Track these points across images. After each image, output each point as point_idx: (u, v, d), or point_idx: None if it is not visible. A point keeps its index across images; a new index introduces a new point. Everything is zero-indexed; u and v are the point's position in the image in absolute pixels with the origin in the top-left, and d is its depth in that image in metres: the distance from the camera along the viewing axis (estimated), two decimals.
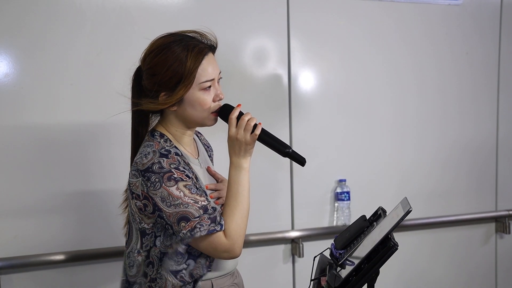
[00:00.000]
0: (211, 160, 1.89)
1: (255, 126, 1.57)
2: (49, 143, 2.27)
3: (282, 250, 2.71)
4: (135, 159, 1.58)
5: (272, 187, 2.65)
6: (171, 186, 1.49)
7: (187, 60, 1.54)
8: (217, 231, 1.50)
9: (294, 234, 2.68)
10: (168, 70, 1.54)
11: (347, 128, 2.80)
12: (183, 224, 1.48)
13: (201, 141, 1.87)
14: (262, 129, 1.57)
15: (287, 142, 2.61)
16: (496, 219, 3.16)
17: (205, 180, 1.69)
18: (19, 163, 2.24)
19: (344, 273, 1.34)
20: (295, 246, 2.68)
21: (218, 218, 1.51)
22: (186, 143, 1.68)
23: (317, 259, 1.57)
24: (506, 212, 3.13)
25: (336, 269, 1.41)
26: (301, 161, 1.63)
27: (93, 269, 2.35)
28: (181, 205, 1.49)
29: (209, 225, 1.49)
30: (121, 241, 1.88)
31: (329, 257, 1.50)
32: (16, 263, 2.23)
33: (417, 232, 2.98)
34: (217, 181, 1.75)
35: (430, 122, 2.97)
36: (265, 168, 2.57)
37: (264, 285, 2.67)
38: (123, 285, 1.70)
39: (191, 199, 1.49)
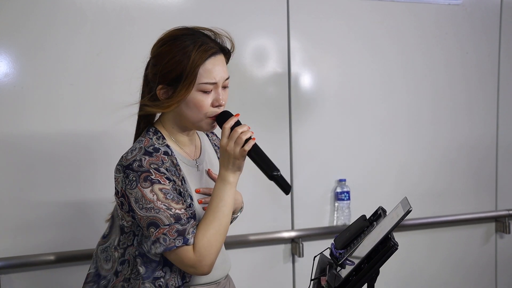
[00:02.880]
0: None
1: (249, 140, 1.46)
2: (49, 143, 2.27)
3: (282, 249, 2.71)
4: (124, 153, 1.51)
5: (272, 187, 2.63)
6: (146, 188, 1.42)
7: (191, 55, 1.46)
8: (178, 246, 1.41)
9: (294, 233, 2.68)
10: (169, 61, 1.47)
11: (347, 128, 2.80)
12: (152, 229, 1.42)
13: (211, 141, 1.78)
14: (254, 146, 1.47)
15: (287, 142, 2.66)
16: (496, 219, 3.16)
17: (200, 183, 1.60)
18: (19, 163, 2.24)
19: (344, 272, 1.34)
20: (295, 245, 2.68)
21: (188, 230, 1.43)
22: (183, 142, 1.60)
23: (317, 258, 1.57)
24: (506, 212, 3.13)
25: (336, 269, 1.41)
26: (285, 188, 1.50)
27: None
28: (152, 210, 1.41)
29: (173, 239, 1.41)
30: None
31: (329, 257, 1.50)
32: (16, 263, 2.23)
33: (417, 232, 2.98)
34: None
35: (431, 122, 2.97)
36: None
37: (264, 285, 2.67)
38: (92, 278, 1.62)
39: (164, 205, 1.42)
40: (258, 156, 1.48)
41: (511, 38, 3.10)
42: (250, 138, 1.47)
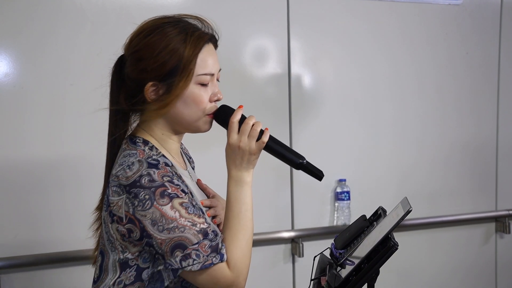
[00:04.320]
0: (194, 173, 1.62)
1: (262, 132, 1.30)
2: (49, 143, 2.27)
3: (282, 250, 2.71)
4: (115, 172, 1.26)
5: (272, 187, 2.65)
6: (165, 205, 1.20)
7: (186, 45, 1.26)
8: (215, 264, 1.22)
9: (294, 233, 2.68)
10: (160, 54, 1.26)
11: (347, 128, 2.80)
12: (178, 253, 1.20)
13: (182, 150, 1.57)
14: (270, 136, 1.32)
15: (287, 142, 2.66)
16: (496, 219, 3.16)
17: (198, 195, 1.42)
18: (19, 162, 2.24)
19: (344, 272, 1.34)
20: (295, 246, 2.68)
21: (219, 245, 1.24)
22: (174, 151, 1.39)
23: (317, 258, 1.57)
24: (506, 212, 3.13)
25: (336, 269, 1.41)
26: (318, 174, 1.35)
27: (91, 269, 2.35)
28: (176, 229, 1.19)
29: (207, 255, 1.21)
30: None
31: (329, 257, 1.49)
32: (16, 263, 2.23)
33: (417, 232, 2.98)
34: (208, 197, 1.50)
35: (430, 121, 2.97)
36: (264, 167, 2.58)
37: (264, 285, 2.67)
38: None
39: (188, 221, 1.21)
40: (279, 146, 1.33)
41: (511, 38, 3.10)
42: (262, 129, 1.31)
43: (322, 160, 2.72)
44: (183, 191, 1.25)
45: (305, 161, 1.34)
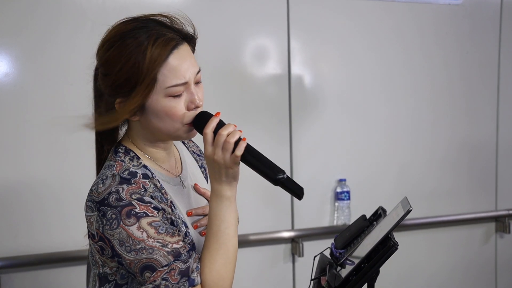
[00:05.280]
0: (205, 170, 1.51)
1: (238, 142, 1.17)
2: (49, 142, 2.27)
3: (282, 249, 2.71)
4: (92, 185, 1.21)
5: (272, 187, 2.64)
6: (131, 225, 1.13)
7: (147, 54, 1.14)
8: None
9: (294, 233, 2.68)
10: (122, 69, 1.16)
11: (347, 128, 2.80)
12: (147, 274, 1.14)
13: (189, 149, 1.50)
14: (247, 147, 1.18)
15: (287, 142, 2.66)
16: (496, 218, 3.16)
17: (189, 203, 1.33)
18: (19, 161, 2.24)
19: (344, 272, 1.34)
20: (295, 245, 2.68)
21: (192, 267, 1.17)
22: (160, 159, 1.30)
23: (317, 258, 1.57)
24: (506, 212, 3.14)
25: (336, 269, 1.41)
26: (297, 192, 1.26)
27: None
28: (144, 250, 1.13)
29: (177, 283, 1.14)
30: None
31: (329, 257, 1.49)
32: (16, 263, 2.23)
33: (417, 232, 2.99)
34: (208, 201, 1.37)
35: (430, 121, 2.97)
36: None
37: (264, 285, 2.67)
38: None
39: (158, 242, 1.14)
40: (255, 159, 1.19)
41: (511, 38, 3.10)
42: (239, 139, 1.18)
43: (322, 160, 2.75)
44: (155, 208, 1.17)
45: (284, 175, 1.22)
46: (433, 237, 3.03)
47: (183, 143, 1.50)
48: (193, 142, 1.55)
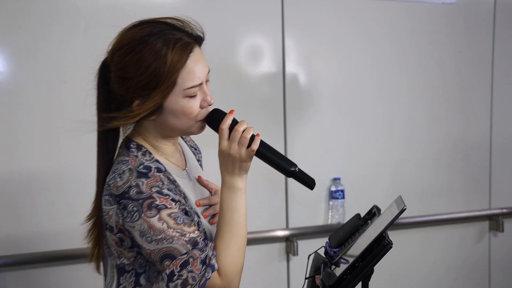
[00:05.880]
0: (201, 165, 1.61)
1: (253, 138, 1.29)
2: (43, 141, 2.26)
3: (276, 248, 2.72)
4: (108, 180, 1.27)
5: (267, 185, 2.65)
6: (152, 217, 1.20)
7: (167, 59, 1.22)
8: (208, 278, 1.24)
9: (288, 232, 2.68)
10: (144, 73, 1.22)
11: (341, 127, 2.80)
12: (167, 263, 1.21)
13: (187, 143, 1.58)
14: (261, 142, 1.31)
15: (282, 141, 2.66)
16: (489, 217, 3.17)
17: (196, 194, 1.42)
18: (14, 159, 2.24)
19: (338, 271, 1.34)
20: (289, 244, 2.68)
21: (210, 255, 1.25)
22: (169, 154, 1.38)
23: (311, 257, 1.57)
24: (500, 210, 3.15)
25: (330, 267, 1.42)
26: (309, 183, 1.36)
27: (86, 268, 2.35)
28: (164, 240, 1.21)
29: (201, 272, 1.22)
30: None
31: (324, 256, 1.50)
32: (11, 262, 2.23)
33: (411, 231, 2.99)
34: (211, 192, 1.49)
35: (424, 120, 2.97)
36: (259, 166, 2.58)
37: (259, 284, 2.67)
38: None
39: (177, 232, 1.22)
40: (269, 153, 1.32)
41: (504, 37, 3.11)
42: (253, 135, 1.29)
43: (317, 159, 2.75)
44: (173, 200, 1.25)
45: (297, 168, 1.35)
46: (427, 235, 3.04)
47: (182, 138, 1.56)
48: (189, 137, 1.62)
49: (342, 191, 2.76)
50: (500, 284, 3.24)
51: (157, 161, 1.31)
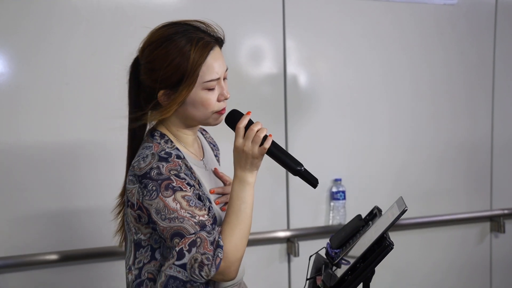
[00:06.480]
0: (218, 160, 1.76)
1: (265, 138, 1.42)
2: (44, 142, 2.26)
3: (277, 249, 2.71)
4: (133, 162, 1.43)
5: (268, 186, 2.65)
6: (168, 197, 1.35)
7: (191, 55, 1.40)
8: (222, 258, 1.35)
9: (289, 233, 2.68)
10: (169, 65, 1.40)
11: (343, 128, 2.80)
12: (176, 240, 1.34)
13: (206, 139, 1.74)
14: (273, 142, 1.43)
15: (283, 142, 2.66)
16: (491, 218, 3.17)
17: (210, 183, 1.56)
18: (15, 161, 2.24)
19: (339, 272, 1.34)
20: (290, 245, 2.68)
21: (216, 238, 1.36)
22: (189, 144, 1.54)
23: (312, 258, 1.57)
24: (501, 211, 3.14)
25: (331, 268, 1.42)
26: (313, 182, 1.46)
27: (86, 268, 2.35)
28: (176, 219, 1.34)
29: (213, 254, 1.34)
30: (111, 241, 1.82)
31: (325, 256, 1.50)
32: (11, 263, 2.23)
33: (412, 232, 2.99)
34: (225, 184, 1.63)
35: (426, 121, 2.97)
36: (260, 167, 2.58)
37: (260, 285, 2.67)
38: None
39: (188, 213, 1.35)
40: (279, 152, 1.44)
41: (505, 38, 3.11)
42: (266, 135, 1.42)
43: (318, 160, 2.75)
44: (188, 184, 1.39)
45: (303, 168, 1.44)
46: (428, 236, 3.03)
47: (202, 133, 1.73)
48: (209, 134, 1.79)
49: (343, 192, 2.76)
50: (501, 285, 3.24)
51: (177, 149, 1.46)
